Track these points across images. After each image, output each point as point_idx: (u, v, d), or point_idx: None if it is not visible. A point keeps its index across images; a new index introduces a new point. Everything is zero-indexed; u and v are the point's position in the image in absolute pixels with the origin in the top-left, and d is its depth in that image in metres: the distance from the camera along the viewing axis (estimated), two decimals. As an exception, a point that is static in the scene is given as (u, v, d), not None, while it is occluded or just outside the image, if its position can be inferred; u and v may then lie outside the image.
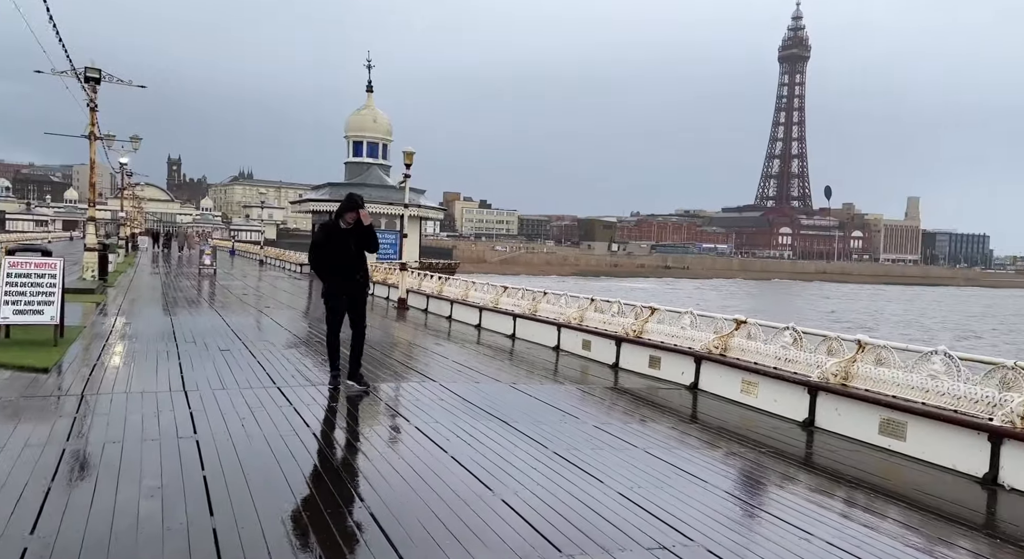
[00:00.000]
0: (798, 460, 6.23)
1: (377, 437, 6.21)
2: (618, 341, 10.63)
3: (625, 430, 6.85)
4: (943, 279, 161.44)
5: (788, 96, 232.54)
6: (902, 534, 4.50)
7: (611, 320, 11.21)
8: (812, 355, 7.68)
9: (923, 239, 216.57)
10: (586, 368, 10.64)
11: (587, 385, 9.36)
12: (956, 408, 5.97)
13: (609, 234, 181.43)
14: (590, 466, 5.52)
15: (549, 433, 6.49)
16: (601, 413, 7.76)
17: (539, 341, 12.91)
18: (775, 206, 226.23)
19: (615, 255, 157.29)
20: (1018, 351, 32.40)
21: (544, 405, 7.79)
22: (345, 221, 7.45)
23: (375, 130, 34.69)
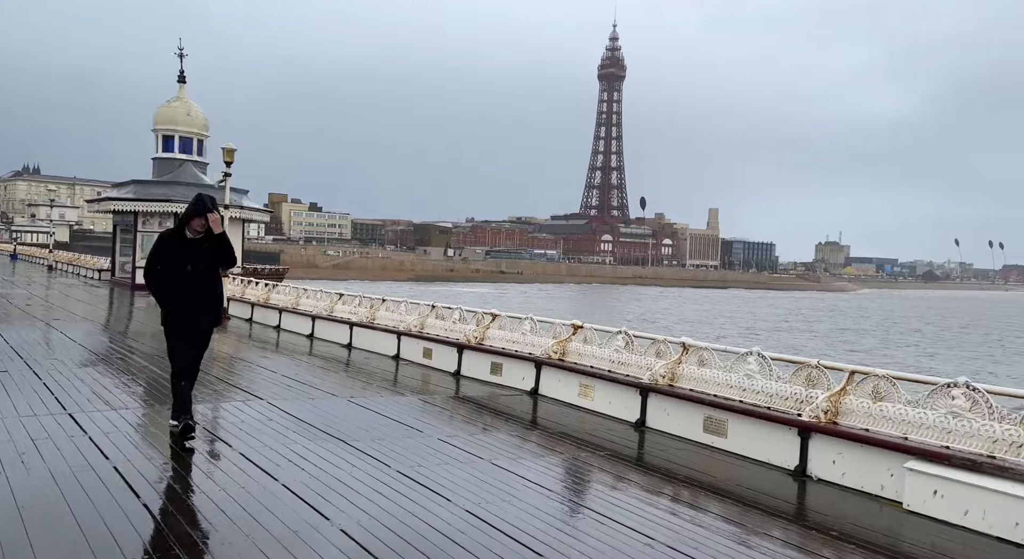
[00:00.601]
0: (634, 461, 6.45)
1: (195, 469, 5.51)
2: (460, 348, 10.51)
3: (471, 442, 6.71)
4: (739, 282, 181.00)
5: (607, 112, 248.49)
6: (722, 527, 4.76)
7: (453, 327, 11.07)
8: (643, 357, 8.05)
9: (722, 246, 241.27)
10: (428, 377, 10.39)
11: (430, 395, 9.12)
12: (770, 405, 6.50)
13: (445, 239, 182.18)
14: (436, 483, 5.29)
15: (392, 450, 6.17)
16: (445, 425, 7.55)
17: (378, 350, 12.44)
18: (598, 215, 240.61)
19: (451, 260, 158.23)
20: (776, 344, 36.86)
21: (386, 419, 7.44)
22: (192, 229, 5.92)
23: (189, 124, 31.80)
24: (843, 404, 5.96)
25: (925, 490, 5.05)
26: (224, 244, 6.04)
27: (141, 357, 11.11)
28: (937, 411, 5.30)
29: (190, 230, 5.95)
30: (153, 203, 28.08)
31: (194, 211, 5.92)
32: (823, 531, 4.75)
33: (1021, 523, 4.50)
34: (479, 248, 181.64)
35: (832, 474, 5.82)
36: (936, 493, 4.98)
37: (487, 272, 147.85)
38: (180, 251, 5.95)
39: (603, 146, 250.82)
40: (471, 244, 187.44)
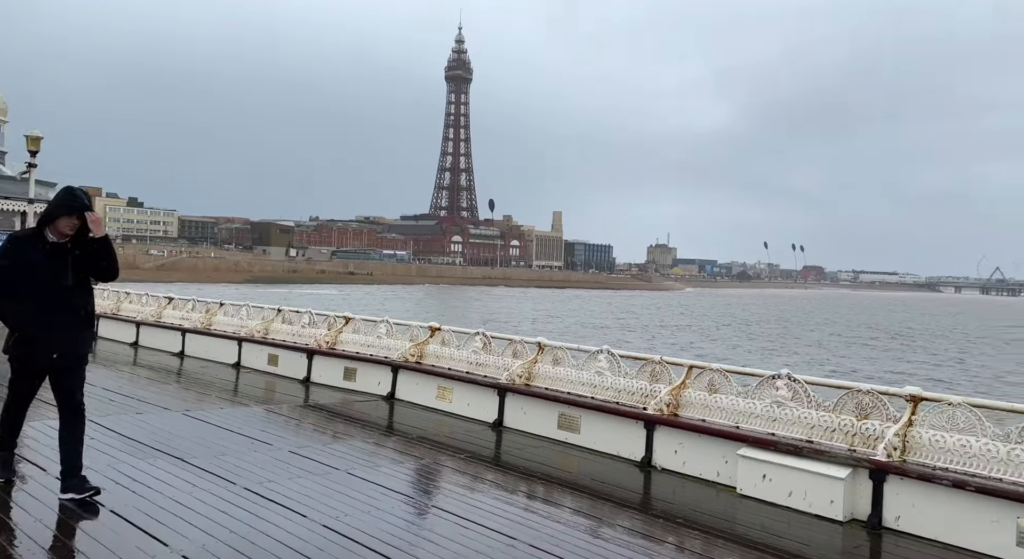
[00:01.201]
0: (493, 462, 6.51)
1: (4, 499, 4.78)
2: (310, 354, 10.04)
3: (324, 452, 6.41)
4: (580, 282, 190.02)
5: (455, 113, 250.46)
6: (573, 520, 4.94)
7: (302, 332, 10.55)
8: (500, 358, 8.16)
9: (565, 248, 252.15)
10: (274, 385, 9.82)
11: (276, 405, 8.61)
12: (619, 400, 6.84)
13: (287, 239, 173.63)
14: (289, 499, 4.99)
15: (236, 466, 5.74)
16: (296, 435, 7.17)
17: (216, 358, 11.56)
18: (447, 216, 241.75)
19: (294, 261, 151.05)
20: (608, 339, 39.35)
21: (227, 433, 6.91)
22: (57, 231, 4.65)
23: (-19, 105, 27.73)
24: (683, 397, 6.41)
25: (755, 475, 5.55)
26: (106, 251, 4.74)
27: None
28: (764, 401, 5.86)
29: (54, 232, 4.65)
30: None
31: (64, 208, 4.62)
32: (667, 518, 5.07)
33: (836, 501, 5.08)
34: (324, 248, 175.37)
35: (674, 463, 6.23)
36: (765, 477, 5.49)
37: (334, 273, 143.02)
38: (40, 259, 4.62)
39: (452, 147, 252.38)
40: (316, 244, 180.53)
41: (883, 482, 4.93)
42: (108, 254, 4.77)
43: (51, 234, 4.66)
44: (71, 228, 4.65)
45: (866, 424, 5.26)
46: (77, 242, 4.69)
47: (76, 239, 4.68)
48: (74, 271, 4.70)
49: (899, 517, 4.88)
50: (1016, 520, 4.36)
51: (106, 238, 4.75)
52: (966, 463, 4.71)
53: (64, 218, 4.62)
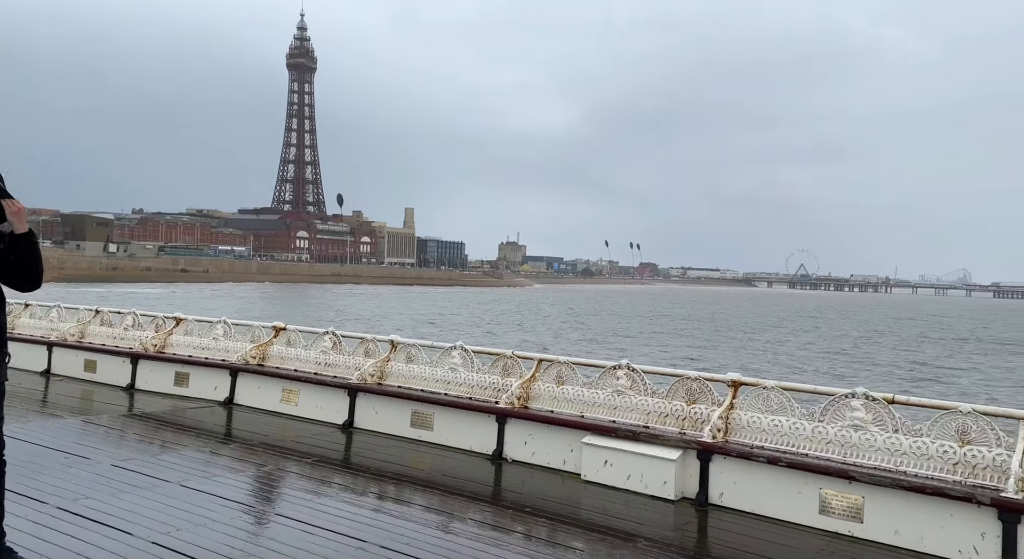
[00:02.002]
0: (342, 465, 6.34)
1: None
2: (135, 358, 9.19)
3: (153, 463, 5.90)
4: (433, 279, 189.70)
5: (299, 103, 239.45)
6: (424, 517, 4.97)
7: (125, 334, 9.62)
8: (351, 357, 7.95)
9: (418, 245, 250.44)
10: (92, 394, 8.88)
11: (95, 415, 7.79)
12: (471, 396, 6.93)
13: (105, 233, 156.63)
14: (111, 516, 4.56)
15: (49, 484, 5.13)
16: (119, 448, 6.53)
17: (21, 366, 10.21)
18: (292, 210, 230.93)
19: (114, 257, 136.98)
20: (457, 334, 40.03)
21: (37, 448, 6.15)
22: None
23: None
24: (533, 390, 6.62)
25: (598, 461, 5.86)
26: (31, 249, 3.56)
27: None
28: (606, 390, 6.21)
29: None
30: None
31: None
32: (516, 508, 5.23)
33: (668, 481, 5.50)
34: (150, 244, 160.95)
35: (524, 455, 6.42)
36: (606, 463, 5.82)
37: (162, 270, 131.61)
38: None
39: (296, 139, 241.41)
40: (140, 239, 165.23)
41: (709, 462, 5.41)
42: (31, 253, 3.54)
43: None
44: None
45: (695, 408, 5.75)
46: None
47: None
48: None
49: (723, 493, 5.38)
50: (819, 490, 4.97)
51: (32, 235, 3.57)
52: (778, 441, 5.29)
53: None
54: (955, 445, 4.70)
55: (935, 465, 4.71)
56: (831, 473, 4.92)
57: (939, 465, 4.70)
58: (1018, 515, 4.29)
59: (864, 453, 4.96)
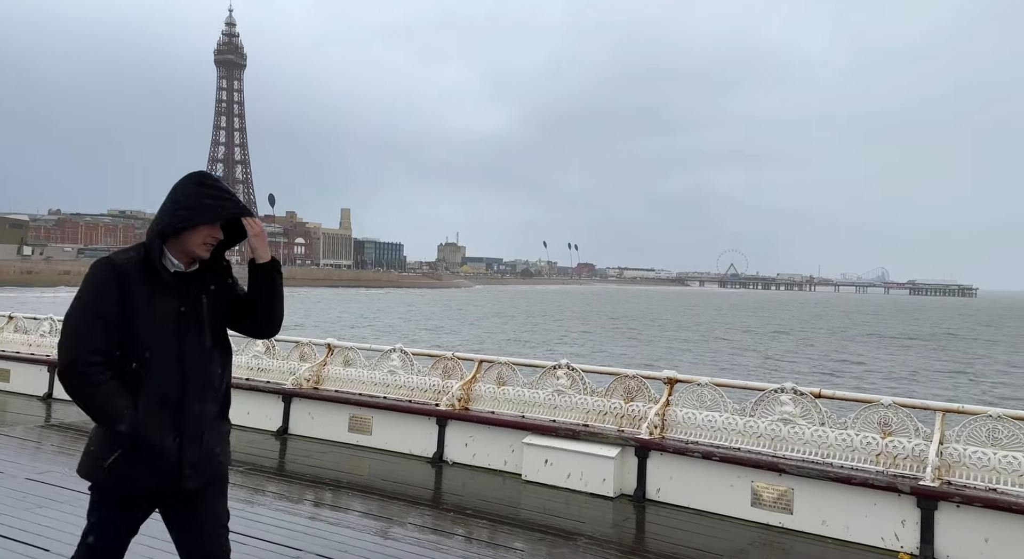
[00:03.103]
0: (276, 472, 6.15)
1: None
2: (52, 366, 8.67)
3: (72, 476, 5.50)
4: (371, 281, 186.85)
5: (228, 101, 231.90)
6: (362, 523, 4.88)
7: (41, 341, 9.08)
8: (286, 362, 7.73)
9: (355, 246, 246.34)
10: (4, 404, 8.34)
11: (9, 427, 7.32)
12: (411, 399, 6.84)
13: (19, 235, 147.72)
14: (27, 533, 4.30)
15: (-46, 504, 4.78)
16: (35, 460, 6.15)
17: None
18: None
19: (29, 260, 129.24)
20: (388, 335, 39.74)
21: (-61, 466, 5.73)
22: (185, 251, 2.56)
23: None
24: (473, 391, 6.60)
25: (538, 460, 5.89)
26: (274, 287, 2.68)
27: None
28: (546, 390, 6.24)
29: (179, 253, 2.55)
30: None
31: (208, 211, 2.52)
32: (456, 511, 5.19)
33: (607, 479, 5.57)
34: (70, 246, 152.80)
35: (464, 456, 6.39)
36: (547, 462, 5.85)
37: (80, 274, 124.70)
38: (158, 303, 2.50)
39: (225, 137, 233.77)
40: (58, 241, 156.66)
41: (646, 458, 5.51)
42: (277, 293, 2.68)
43: (172, 256, 2.53)
44: (209, 246, 2.56)
45: (633, 406, 5.84)
46: (212, 270, 2.62)
47: (210, 265, 2.62)
48: (212, 323, 2.60)
49: (660, 489, 5.49)
50: (751, 483, 5.12)
51: (275, 264, 2.68)
52: (712, 436, 5.44)
53: (205, 228, 2.52)
54: (877, 436, 4.93)
55: (859, 456, 4.93)
56: (762, 466, 5.09)
57: (863, 456, 4.92)
58: (935, 502, 4.50)
59: (793, 446, 5.15)
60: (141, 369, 2.45)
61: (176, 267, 2.54)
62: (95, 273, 2.47)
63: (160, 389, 2.47)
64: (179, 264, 2.55)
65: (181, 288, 2.53)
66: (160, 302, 2.48)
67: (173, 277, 2.52)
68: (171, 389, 2.49)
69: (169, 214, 2.51)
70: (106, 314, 2.41)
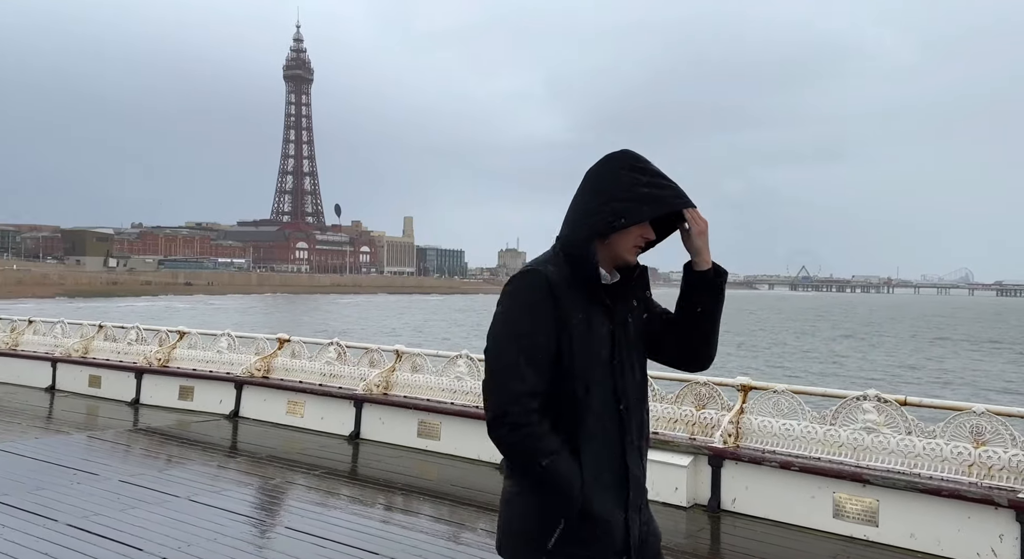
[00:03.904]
0: (350, 476, 6.31)
1: None
2: (139, 372, 9.15)
3: (160, 478, 5.86)
4: (433, 288, 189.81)
5: (296, 115, 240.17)
6: (434, 527, 4.93)
7: (128, 349, 9.59)
8: (356, 368, 7.92)
9: (417, 253, 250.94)
10: (96, 409, 8.84)
11: (101, 430, 7.75)
12: (478, 404, 6.88)
13: (105, 248, 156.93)
14: (122, 532, 4.52)
15: (58, 501, 5.09)
16: (127, 463, 6.50)
17: (25, 382, 10.19)
18: (291, 221, 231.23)
19: (114, 271, 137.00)
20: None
21: (43, 465, 6.12)
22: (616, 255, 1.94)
23: None
24: (541, 398, 6.58)
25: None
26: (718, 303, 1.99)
27: None
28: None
29: (602, 260, 1.92)
30: None
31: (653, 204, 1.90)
32: None
33: (680, 488, 5.44)
34: (150, 257, 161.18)
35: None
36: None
37: (162, 284, 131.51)
38: (594, 324, 1.89)
39: (294, 150, 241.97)
40: (140, 253, 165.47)
41: (720, 467, 5.37)
42: (719, 312, 2.01)
43: (602, 264, 1.93)
44: (639, 249, 1.98)
45: (705, 413, 5.71)
46: (635, 280, 2.01)
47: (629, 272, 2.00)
48: (640, 350, 2.02)
49: (735, 499, 5.34)
50: (832, 495, 4.93)
51: (721, 272, 1.99)
52: (790, 445, 5.26)
53: (637, 226, 1.92)
54: (970, 446, 4.66)
55: (950, 467, 4.67)
56: (844, 476, 4.89)
57: (954, 467, 4.66)
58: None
59: (877, 456, 4.93)
60: (576, 413, 1.83)
61: (605, 278, 1.93)
62: (524, 290, 1.85)
63: (598, 439, 1.85)
64: (606, 274, 1.93)
65: (610, 305, 1.92)
66: (595, 324, 1.87)
67: (606, 291, 1.92)
68: (610, 439, 1.87)
69: (599, 210, 1.87)
70: (543, 344, 1.80)
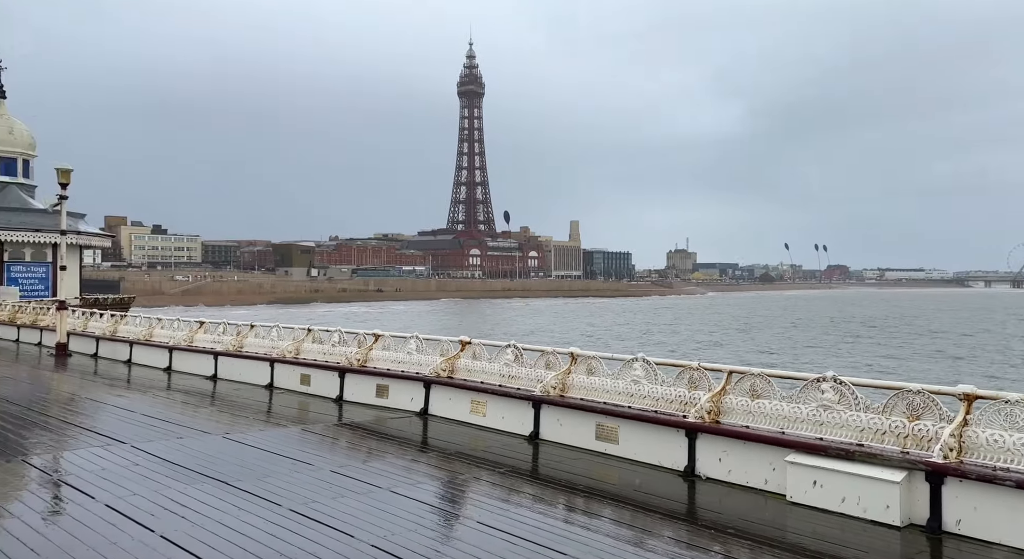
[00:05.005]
0: (532, 475, 6.44)
1: (52, 526, 4.81)
2: (341, 372, 10.07)
3: (365, 470, 6.40)
4: (601, 291, 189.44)
5: (469, 128, 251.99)
6: (618, 531, 4.87)
7: (332, 350, 10.59)
8: (533, 370, 8.10)
9: (584, 257, 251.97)
10: (307, 405, 9.85)
11: (312, 424, 8.63)
12: (657, 409, 6.75)
13: (307, 259, 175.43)
14: (335, 519, 4.97)
15: (280, 487, 5.74)
16: (335, 454, 7.17)
17: (249, 380, 11.64)
18: (465, 230, 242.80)
19: (315, 280, 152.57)
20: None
21: (267, 454, 6.93)
22: None
23: (11, 143, 28.45)
24: (724, 403, 6.30)
25: (805, 481, 5.42)
26: None
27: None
28: (809, 405, 5.73)
29: None
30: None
31: None
32: (715, 528, 4.97)
33: (892, 505, 4.94)
34: (345, 267, 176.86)
35: (719, 472, 6.11)
36: (816, 483, 5.36)
37: (354, 291, 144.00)
38: None
39: (467, 162, 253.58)
40: (336, 263, 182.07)
41: (941, 485, 4.79)
42: None
43: None
44: None
45: (919, 425, 5.12)
46: None
47: None
48: None
49: (960, 521, 4.73)
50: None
51: None
52: (1029, 463, 4.55)
53: None
54: None
55: None
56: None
57: None
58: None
59: None
60: None
61: None
62: None
63: None
64: None
65: None
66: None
67: None
68: None
69: None
70: None
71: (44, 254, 26.15)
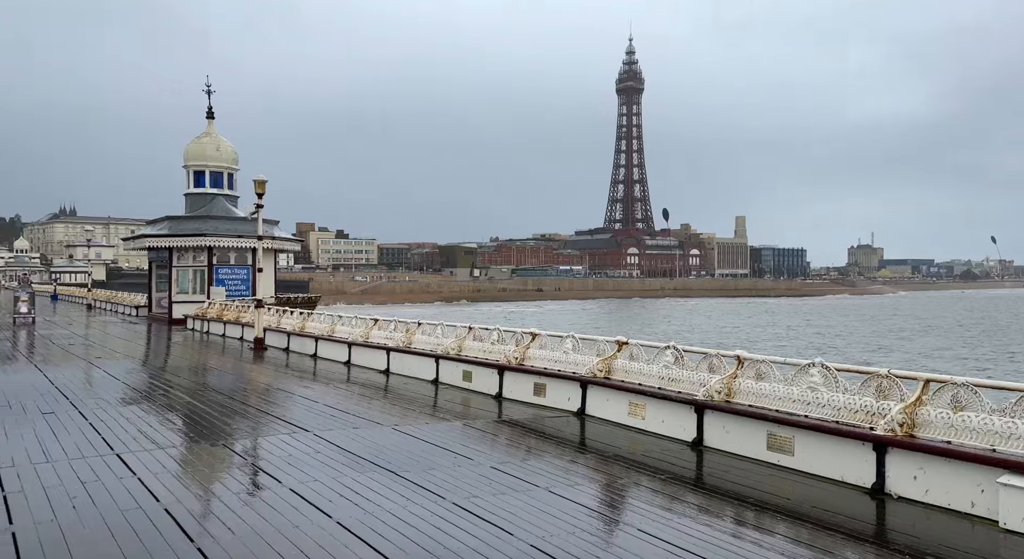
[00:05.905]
0: (695, 483, 6.14)
1: (246, 508, 5.33)
2: (500, 370, 10.29)
3: (523, 468, 6.45)
4: (771, 290, 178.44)
5: (627, 125, 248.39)
6: (794, 550, 4.46)
7: (492, 348, 10.85)
8: (695, 373, 7.73)
9: (751, 254, 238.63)
10: (468, 401, 10.18)
11: (473, 419, 8.89)
12: (838, 419, 6.14)
13: (470, 260, 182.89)
14: (495, 516, 5.05)
15: (444, 480, 5.94)
16: (495, 450, 7.32)
17: (416, 375, 12.27)
18: (622, 228, 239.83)
19: (477, 280, 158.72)
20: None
21: (432, 447, 7.22)
22: None
23: (218, 159, 32.39)
24: (920, 415, 5.60)
25: (1023, 506, 4.67)
26: None
27: (181, 391, 11.13)
28: (1028, 421, 4.93)
29: None
30: (187, 238, 28.51)
31: None
32: (911, 554, 4.41)
33: None
34: (504, 267, 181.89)
35: (914, 491, 5.44)
36: (1038, 510, 4.60)
37: (514, 291, 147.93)
38: None
39: (624, 159, 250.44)
40: (496, 263, 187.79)
41: None
42: None
43: None
44: None
45: None
46: None
47: None
48: None
49: None
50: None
51: None
52: None
53: None
54: None
55: None
56: None
57: None
58: None
59: None
60: None
61: None
62: None
63: None
64: None
65: None
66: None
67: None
68: None
69: None
70: None
71: (245, 258, 29.47)
